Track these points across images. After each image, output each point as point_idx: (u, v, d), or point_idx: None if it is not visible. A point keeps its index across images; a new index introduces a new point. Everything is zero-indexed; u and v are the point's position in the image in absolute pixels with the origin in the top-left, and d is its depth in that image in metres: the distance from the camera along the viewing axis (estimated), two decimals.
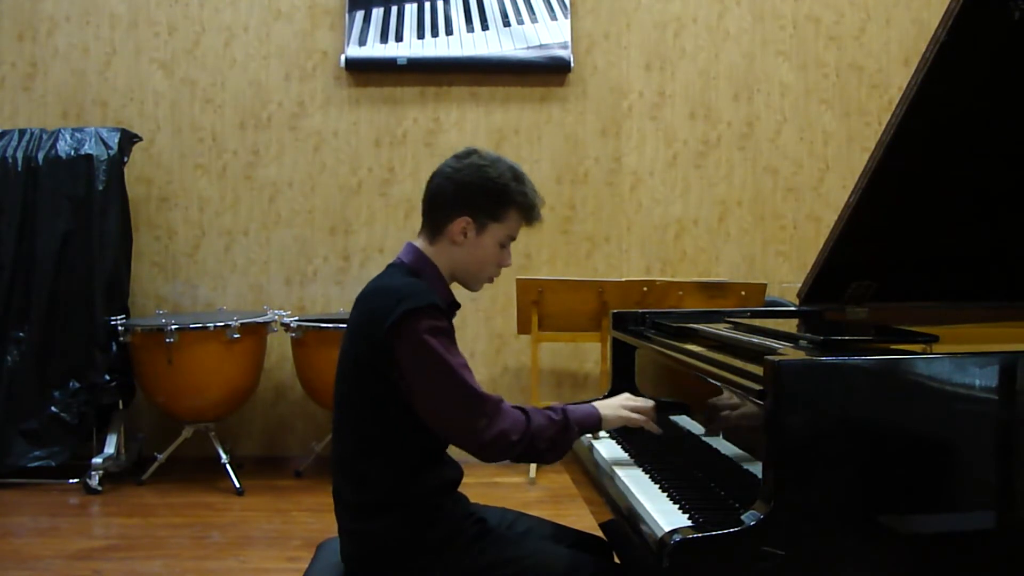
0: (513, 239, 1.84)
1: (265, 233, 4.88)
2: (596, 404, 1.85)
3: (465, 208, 1.76)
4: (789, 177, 4.95)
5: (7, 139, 4.48)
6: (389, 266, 1.82)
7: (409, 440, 1.68)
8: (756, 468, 1.45)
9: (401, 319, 1.62)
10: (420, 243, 1.82)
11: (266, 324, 4.36)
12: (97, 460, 4.21)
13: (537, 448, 1.69)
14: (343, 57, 4.81)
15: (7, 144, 4.45)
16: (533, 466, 4.37)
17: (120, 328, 4.23)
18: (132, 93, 4.86)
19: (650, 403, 1.90)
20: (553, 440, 1.71)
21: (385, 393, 1.66)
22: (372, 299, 1.72)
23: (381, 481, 1.69)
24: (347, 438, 1.74)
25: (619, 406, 1.86)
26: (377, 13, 4.81)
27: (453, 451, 1.77)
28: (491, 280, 1.88)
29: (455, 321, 1.87)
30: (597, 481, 1.87)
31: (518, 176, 1.80)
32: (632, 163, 4.92)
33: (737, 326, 1.96)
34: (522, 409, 1.71)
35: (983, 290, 2.07)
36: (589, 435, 2.05)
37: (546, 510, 3.14)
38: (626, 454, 1.99)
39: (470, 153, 1.81)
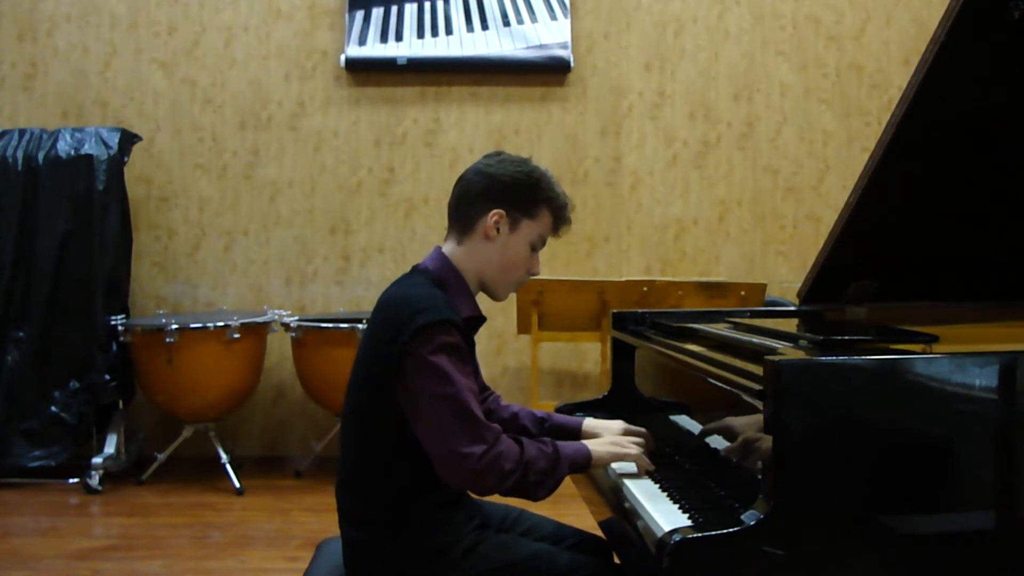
0: (543, 243, 1.79)
1: (265, 233, 4.89)
2: (586, 442, 1.78)
3: (498, 201, 1.73)
4: (789, 177, 4.95)
5: (7, 139, 4.48)
6: (414, 270, 1.78)
7: (418, 456, 1.63)
8: (756, 468, 1.45)
9: (413, 334, 1.58)
10: (448, 247, 1.78)
11: (266, 324, 4.36)
12: (97, 460, 4.21)
13: (528, 480, 1.63)
14: (343, 57, 4.81)
15: (7, 144, 4.45)
16: None
17: (120, 328, 4.22)
18: (132, 93, 4.86)
19: (642, 433, 1.84)
20: (544, 473, 1.65)
21: (395, 407, 1.62)
22: (390, 308, 1.67)
23: (387, 495, 1.66)
24: (353, 448, 1.72)
25: (609, 443, 1.80)
26: (377, 13, 4.81)
27: None
28: (518, 287, 1.82)
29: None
30: (596, 480, 1.87)
31: (550, 178, 1.78)
32: (632, 163, 4.92)
33: (737, 326, 1.96)
34: (515, 439, 1.66)
35: (983, 290, 2.07)
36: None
37: (546, 510, 3.12)
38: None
39: (500, 153, 1.80)
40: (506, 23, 4.82)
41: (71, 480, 4.28)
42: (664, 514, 1.52)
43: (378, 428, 1.67)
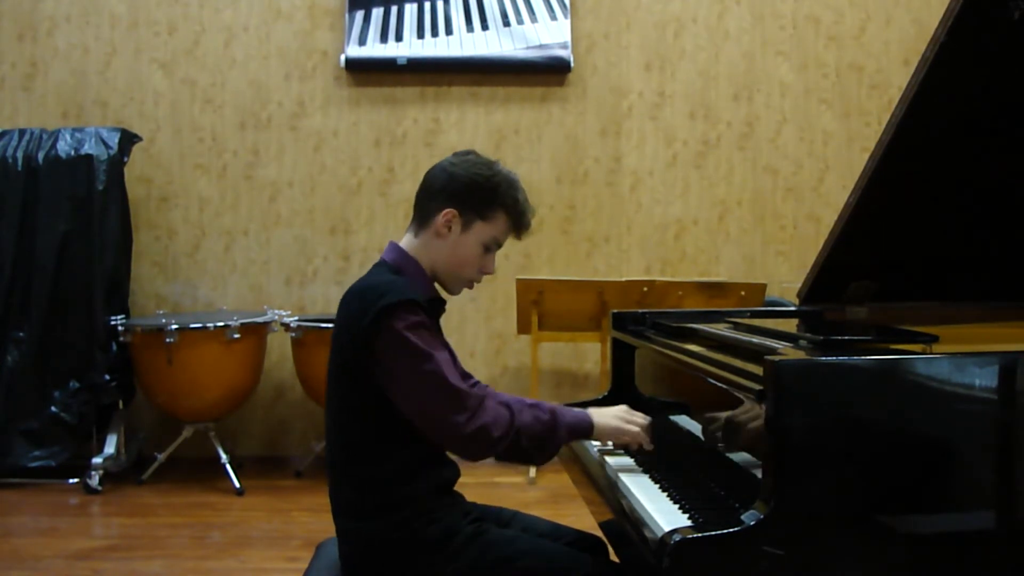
0: (499, 245, 1.81)
1: (265, 233, 4.89)
2: (591, 411, 1.80)
3: (453, 200, 1.75)
4: (789, 177, 4.95)
5: (7, 139, 4.48)
6: (373, 266, 1.82)
7: (401, 443, 1.66)
8: (756, 468, 1.45)
9: (378, 316, 1.61)
10: (405, 239, 1.82)
11: (266, 324, 4.36)
12: (97, 460, 4.21)
13: (521, 446, 1.65)
14: (343, 57, 4.81)
15: (7, 144, 4.45)
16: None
17: (120, 328, 4.23)
18: (132, 93, 4.86)
19: (647, 419, 1.86)
20: (540, 439, 1.67)
21: (372, 396, 1.65)
22: (352, 300, 1.71)
23: (374, 484, 1.68)
24: (338, 441, 1.73)
25: (614, 416, 1.81)
26: (377, 13, 4.82)
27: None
28: (471, 285, 1.84)
29: (447, 319, 1.86)
30: (596, 480, 1.87)
31: (512, 183, 1.78)
32: (632, 163, 4.92)
33: (737, 326, 1.96)
34: (507, 405, 1.68)
35: (983, 290, 2.07)
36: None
37: (546, 510, 3.14)
38: (626, 454, 1.98)
39: (469, 152, 1.82)
40: (506, 23, 4.82)
41: (71, 480, 4.28)
42: (664, 514, 1.52)
43: (358, 419, 1.69)
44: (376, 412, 1.65)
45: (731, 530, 1.29)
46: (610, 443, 2.00)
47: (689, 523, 1.47)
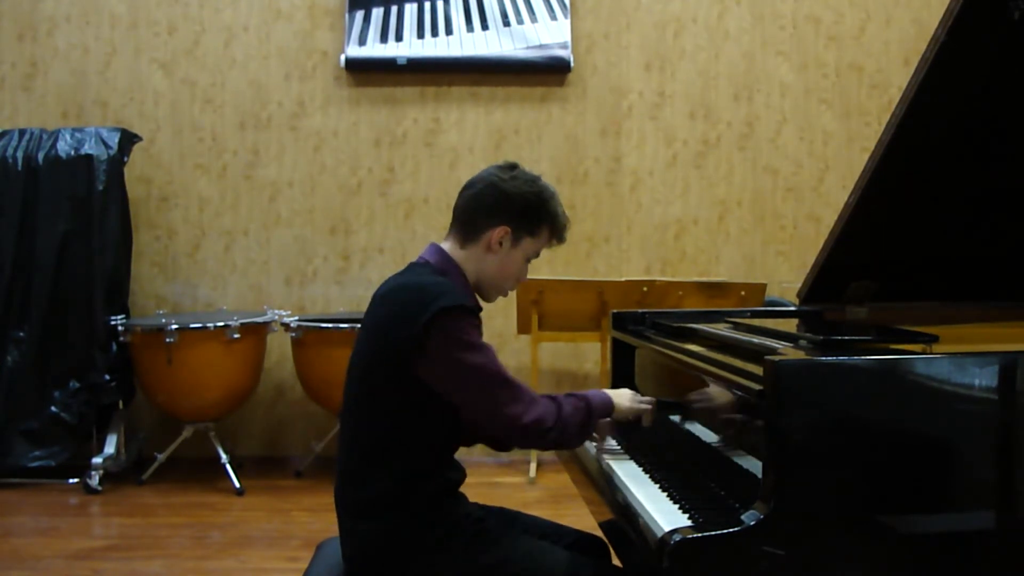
0: (537, 256, 1.88)
1: (265, 233, 4.89)
2: (608, 392, 1.89)
3: (507, 218, 1.79)
4: (789, 177, 4.95)
5: (7, 139, 4.48)
6: (412, 264, 1.83)
7: (418, 443, 1.69)
8: (756, 468, 1.45)
9: (437, 316, 1.63)
10: (448, 246, 1.83)
11: (266, 324, 4.36)
12: (97, 460, 4.21)
13: (567, 434, 1.74)
14: (343, 57, 4.81)
15: (7, 144, 4.45)
16: (533, 465, 4.38)
17: (120, 328, 4.23)
18: (132, 93, 4.86)
19: (652, 400, 1.94)
20: (581, 425, 1.76)
21: (399, 394, 1.67)
22: (400, 295, 1.72)
23: (385, 483, 1.68)
24: (354, 439, 1.74)
25: (628, 398, 1.90)
26: (377, 13, 4.82)
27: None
28: (506, 294, 1.91)
29: None
30: (596, 480, 1.87)
31: (554, 196, 1.86)
32: (632, 163, 4.92)
33: (737, 326, 1.96)
34: (551, 397, 1.76)
35: (983, 290, 2.07)
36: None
37: (546, 510, 3.14)
38: (626, 454, 1.99)
39: (514, 166, 1.85)
40: (506, 23, 4.82)
41: (71, 480, 4.28)
42: (664, 514, 1.52)
43: (378, 419, 1.70)
44: (397, 415, 1.68)
45: (731, 530, 1.30)
46: (611, 443, 2.04)
47: (689, 523, 1.47)
